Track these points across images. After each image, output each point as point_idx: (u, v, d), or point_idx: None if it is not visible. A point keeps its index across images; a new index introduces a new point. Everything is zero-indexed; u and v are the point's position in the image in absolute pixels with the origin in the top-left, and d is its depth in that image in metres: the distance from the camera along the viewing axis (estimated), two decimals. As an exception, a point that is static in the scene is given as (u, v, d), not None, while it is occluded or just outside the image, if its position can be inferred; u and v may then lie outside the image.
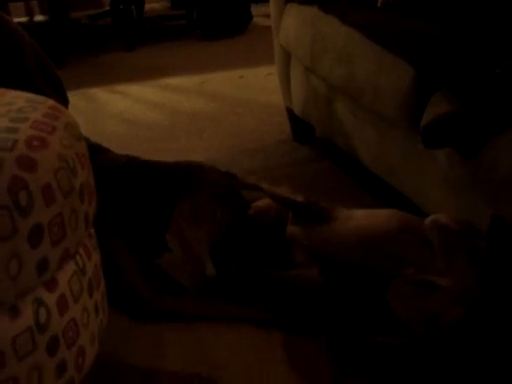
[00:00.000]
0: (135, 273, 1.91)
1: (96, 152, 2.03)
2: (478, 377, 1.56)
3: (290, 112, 2.97)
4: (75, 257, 1.30)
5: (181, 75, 4.05)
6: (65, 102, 2.21)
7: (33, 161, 1.15)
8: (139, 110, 3.52)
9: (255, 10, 4.98)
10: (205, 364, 1.69)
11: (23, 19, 4.69)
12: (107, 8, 4.86)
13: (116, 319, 1.78)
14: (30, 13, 4.24)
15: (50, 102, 1.37)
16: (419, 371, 1.60)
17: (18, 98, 1.35)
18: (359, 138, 2.37)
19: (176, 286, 1.91)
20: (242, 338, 1.77)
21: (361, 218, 1.89)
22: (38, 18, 4.27)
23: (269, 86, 3.62)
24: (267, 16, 3.21)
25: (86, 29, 4.96)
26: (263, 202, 2.06)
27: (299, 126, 2.95)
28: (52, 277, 1.22)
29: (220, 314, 1.84)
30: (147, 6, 5.05)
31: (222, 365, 1.68)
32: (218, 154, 2.89)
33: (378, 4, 2.37)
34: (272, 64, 3.11)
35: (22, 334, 1.15)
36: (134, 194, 1.94)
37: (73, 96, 2.39)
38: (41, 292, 1.19)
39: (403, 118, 1.98)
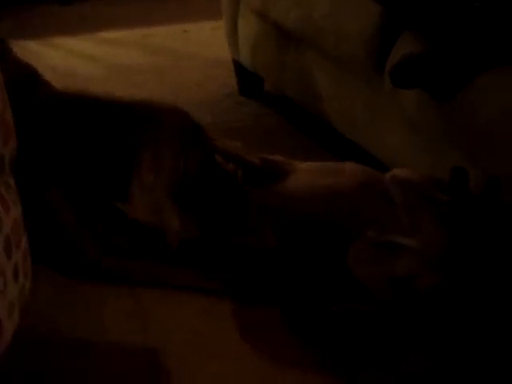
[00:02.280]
0: (79, 230, 1.76)
1: (34, 85, 1.83)
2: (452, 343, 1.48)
3: (236, 64, 2.86)
4: (-14, 209, 1.10)
5: (120, 29, 3.90)
6: None
7: None
8: (74, 62, 3.37)
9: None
10: (149, 334, 1.59)
11: None
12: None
13: (48, 281, 1.67)
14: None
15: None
16: (384, 341, 1.50)
17: None
18: (316, 88, 2.25)
19: (124, 246, 1.79)
20: (191, 306, 1.67)
21: (321, 170, 1.80)
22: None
23: (214, 41, 3.51)
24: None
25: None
26: None
27: (246, 79, 2.84)
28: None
29: (168, 281, 1.74)
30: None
31: (168, 335, 1.58)
32: (161, 108, 2.75)
33: None
34: (218, 19, 3.00)
35: None
36: (83, 136, 1.73)
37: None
38: None
39: (368, 60, 1.88)
